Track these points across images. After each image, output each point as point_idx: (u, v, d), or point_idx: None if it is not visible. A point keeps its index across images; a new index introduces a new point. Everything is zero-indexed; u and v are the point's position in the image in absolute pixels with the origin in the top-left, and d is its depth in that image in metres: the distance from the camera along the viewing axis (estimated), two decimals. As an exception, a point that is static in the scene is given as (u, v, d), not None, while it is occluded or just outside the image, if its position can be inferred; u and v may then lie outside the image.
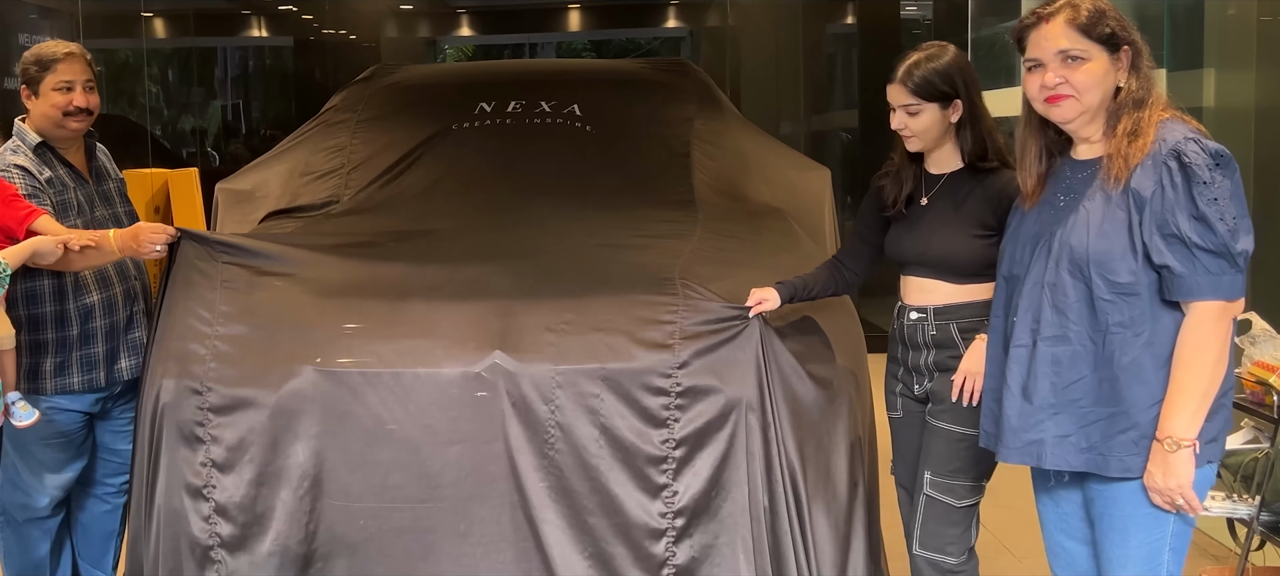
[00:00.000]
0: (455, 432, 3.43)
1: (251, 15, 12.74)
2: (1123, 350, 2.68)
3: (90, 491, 4.26)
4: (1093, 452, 2.74)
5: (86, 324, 4.00)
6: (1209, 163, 2.59)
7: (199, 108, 12.52)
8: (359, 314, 3.63)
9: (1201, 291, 2.61)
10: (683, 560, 3.43)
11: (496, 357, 3.44)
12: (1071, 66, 2.73)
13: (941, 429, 3.36)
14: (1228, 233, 2.58)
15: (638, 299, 3.59)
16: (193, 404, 3.55)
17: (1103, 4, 2.73)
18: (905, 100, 3.32)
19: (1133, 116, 2.70)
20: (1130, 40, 2.72)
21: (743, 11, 12.60)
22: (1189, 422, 2.63)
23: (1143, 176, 2.65)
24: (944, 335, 3.36)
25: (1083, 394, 2.74)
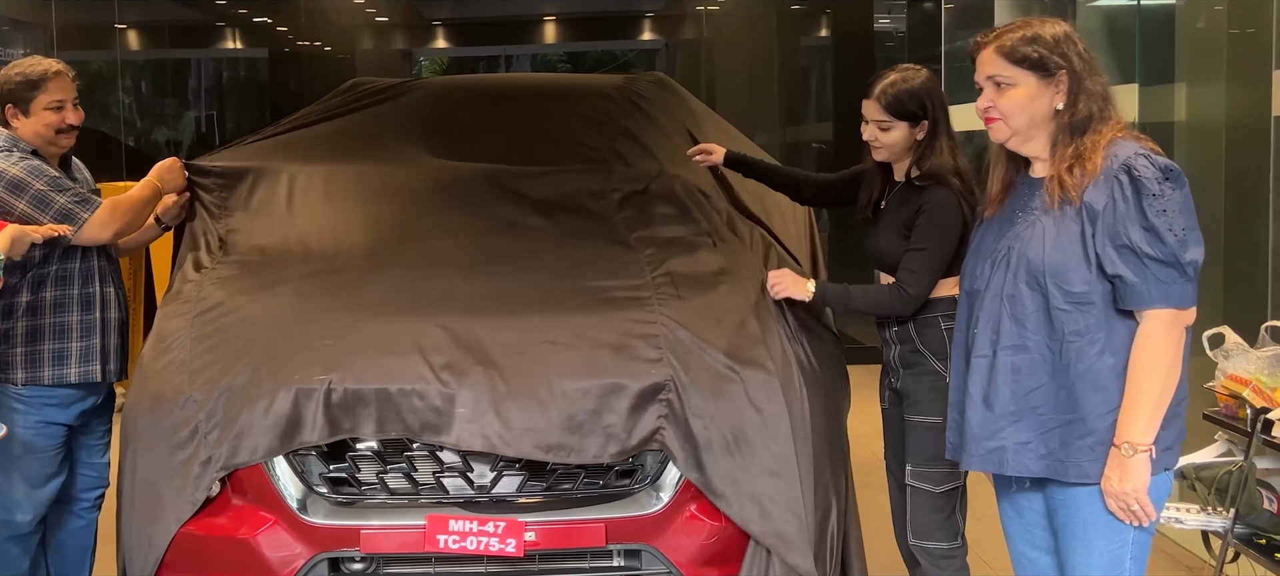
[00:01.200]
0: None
1: (226, 27, 12.70)
2: (1079, 358, 2.79)
3: (67, 507, 4.29)
4: (1051, 458, 2.84)
5: (86, 314, 4.08)
6: (1158, 176, 2.71)
7: (173, 119, 12.47)
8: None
9: (1153, 300, 2.72)
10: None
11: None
12: (1000, 92, 2.89)
13: (914, 421, 3.69)
14: (1177, 243, 2.69)
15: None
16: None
17: (1040, 30, 2.86)
18: (878, 116, 3.65)
19: (1072, 143, 2.83)
20: (1065, 66, 2.83)
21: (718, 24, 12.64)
22: (1145, 428, 2.74)
23: (1095, 191, 2.76)
24: (904, 331, 3.69)
25: (1042, 401, 2.84)
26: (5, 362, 4.00)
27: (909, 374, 3.70)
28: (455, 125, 5.13)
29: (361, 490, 3.65)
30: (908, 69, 3.65)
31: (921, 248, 3.56)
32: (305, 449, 3.62)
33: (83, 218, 4.00)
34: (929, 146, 3.61)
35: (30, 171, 3.97)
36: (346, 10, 12.84)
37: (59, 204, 3.97)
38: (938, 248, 3.55)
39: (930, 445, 3.60)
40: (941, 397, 3.45)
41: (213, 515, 3.68)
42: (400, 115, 5.19)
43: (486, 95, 5.60)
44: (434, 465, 3.62)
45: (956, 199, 3.55)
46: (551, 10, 13.67)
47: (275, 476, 3.62)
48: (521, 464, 3.61)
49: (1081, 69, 2.84)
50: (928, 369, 3.66)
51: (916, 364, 3.68)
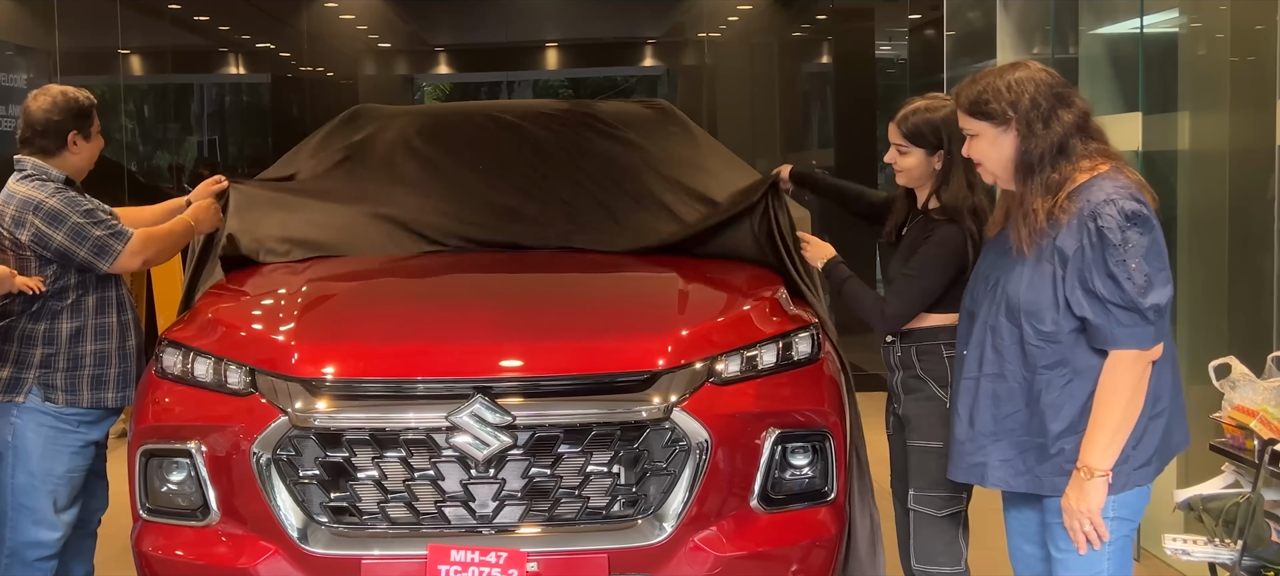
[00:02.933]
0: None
1: (229, 52, 12.71)
2: (1048, 388, 3.05)
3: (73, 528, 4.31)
4: (1030, 475, 3.12)
5: (124, 340, 4.24)
6: (1122, 224, 2.91)
7: (176, 144, 12.46)
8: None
9: (1116, 340, 2.96)
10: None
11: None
12: (970, 141, 3.18)
13: (915, 446, 3.73)
14: (1136, 290, 2.91)
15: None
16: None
17: (993, 80, 3.10)
18: (897, 140, 3.75)
19: (1023, 186, 3.07)
20: (1013, 113, 3.04)
21: (719, 50, 12.65)
22: (1102, 454, 2.98)
23: (1067, 237, 2.99)
24: (907, 358, 3.74)
25: (1017, 425, 3.13)
26: (48, 384, 4.09)
27: (910, 399, 3.74)
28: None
29: (363, 519, 3.62)
30: (935, 98, 3.74)
31: (912, 273, 3.65)
32: (307, 478, 3.61)
33: (117, 250, 4.10)
34: (945, 179, 3.66)
35: (67, 203, 4.05)
36: (349, 36, 12.85)
37: (95, 237, 4.05)
38: (927, 278, 3.63)
39: (932, 470, 3.65)
40: (942, 422, 3.56)
41: (212, 544, 3.67)
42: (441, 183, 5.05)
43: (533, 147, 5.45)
44: (436, 494, 3.60)
45: (963, 238, 3.60)
46: (553, 37, 13.69)
47: (275, 505, 3.60)
48: (522, 492, 3.59)
49: (1030, 112, 3.03)
50: (928, 394, 3.70)
51: (917, 389, 3.72)
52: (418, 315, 3.99)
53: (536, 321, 3.90)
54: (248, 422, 3.64)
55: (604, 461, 3.62)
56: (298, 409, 3.59)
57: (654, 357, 3.68)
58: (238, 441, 3.64)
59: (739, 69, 12.42)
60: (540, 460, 3.60)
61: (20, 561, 4.10)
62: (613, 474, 3.63)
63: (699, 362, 3.72)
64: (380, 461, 3.59)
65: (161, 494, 3.80)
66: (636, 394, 3.62)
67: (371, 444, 3.59)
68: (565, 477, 3.62)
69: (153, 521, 3.80)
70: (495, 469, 3.58)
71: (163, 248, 4.25)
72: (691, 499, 3.62)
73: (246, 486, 3.63)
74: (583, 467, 3.61)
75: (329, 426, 3.58)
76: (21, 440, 4.06)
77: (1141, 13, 5.76)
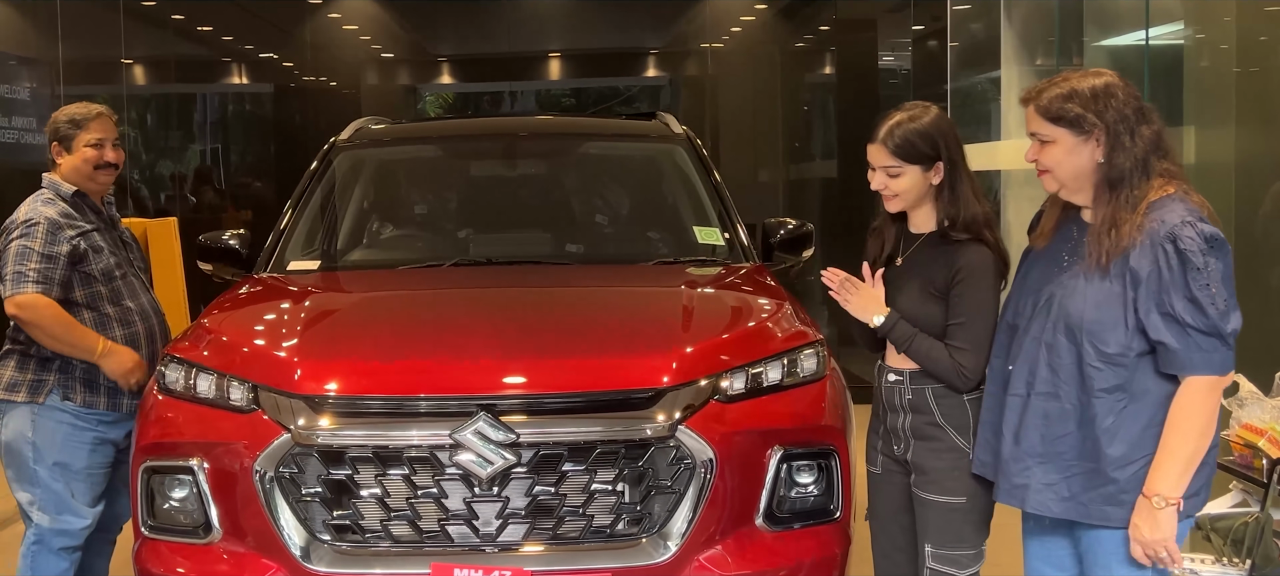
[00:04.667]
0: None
1: (232, 62, 12.70)
2: (1106, 414, 2.94)
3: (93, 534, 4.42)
4: (1073, 501, 3.00)
5: (134, 350, 4.30)
6: (1203, 248, 2.82)
7: (178, 154, 12.45)
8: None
9: (1194, 366, 2.86)
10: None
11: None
12: (1042, 148, 3.02)
13: (934, 502, 3.40)
14: (1218, 315, 2.83)
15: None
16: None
17: (1078, 86, 2.95)
18: (886, 161, 3.37)
19: (1109, 204, 2.94)
20: (1100, 123, 2.92)
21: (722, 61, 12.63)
22: (1176, 483, 2.88)
23: (1140, 256, 2.88)
24: (919, 400, 3.42)
25: (1068, 448, 3.00)
26: (67, 385, 4.23)
27: (925, 447, 3.41)
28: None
29: (365, 537, 3.60)
30: (914, 107, 3.40)
31: (968, 320, 3.32)
32: (309, 495, 3.59)
33: (13, 291, 4.12)
34: (954, 193, 3.36)
35: (46, 230, 4.14)
36: (351, 46, 12.83)
37: (11, 269, 4.11)
38: (988, 316, 3.32)
39: (956, 526, 3.37)
40: (965, 476, 3.33)
41: (214, 563, 3.64)
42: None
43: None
44: (439, 512, 3.58)
45: (994, 256, 3.37)
46: (556, 47, 13.66)
47: (278, 523, 3.58)
48: (526, 510, 3.57)
49: (1118, 125, 2.91)
50: (949, 445, 3.38)
51: (934, 437, 3.40)
52: (421, 331, 3.98)
53: (541, 338, 3.88)
54: (250, 439, 3.62)
55: (608, 479, 3.60)
56: (301, 426, 3.57)
57: (659, 375, 3.66)
58: (240, 458, 3.62)
59: (742, 79, 12.39)
60: (544, 478, 3.58)
61: (47, 549, 4.25)
62: (617, 492, 3.60)
63: (704, 380, 3.69)
64: (383, 479, 3.57)
65: (163, 511, 3.78)
66: (641, 411, 3.60)
67: (375, 461, 3.57)
68: (569, 496, 3.59)
69: (154, 539, 3.78)
70: (499, 487, 3.56)
71: (53, 334, 4.15)
72: (696, 517, 3.60)
73: (249, 504, 3.61)
74: (587, 486, 3.59)
75: (332, 443, 3.56)
76: (43, 436, 4.23)
77: (1147, 24, 5.74)
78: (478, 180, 5.78)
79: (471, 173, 5.78)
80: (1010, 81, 7.48)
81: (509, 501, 3.57)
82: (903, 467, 3.50)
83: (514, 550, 3.59)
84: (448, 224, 5.45)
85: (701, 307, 4.20)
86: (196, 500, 3.70)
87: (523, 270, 4.77)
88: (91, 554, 4.44)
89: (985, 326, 3.32)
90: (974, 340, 3.32)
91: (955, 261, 3.35)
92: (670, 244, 5.12)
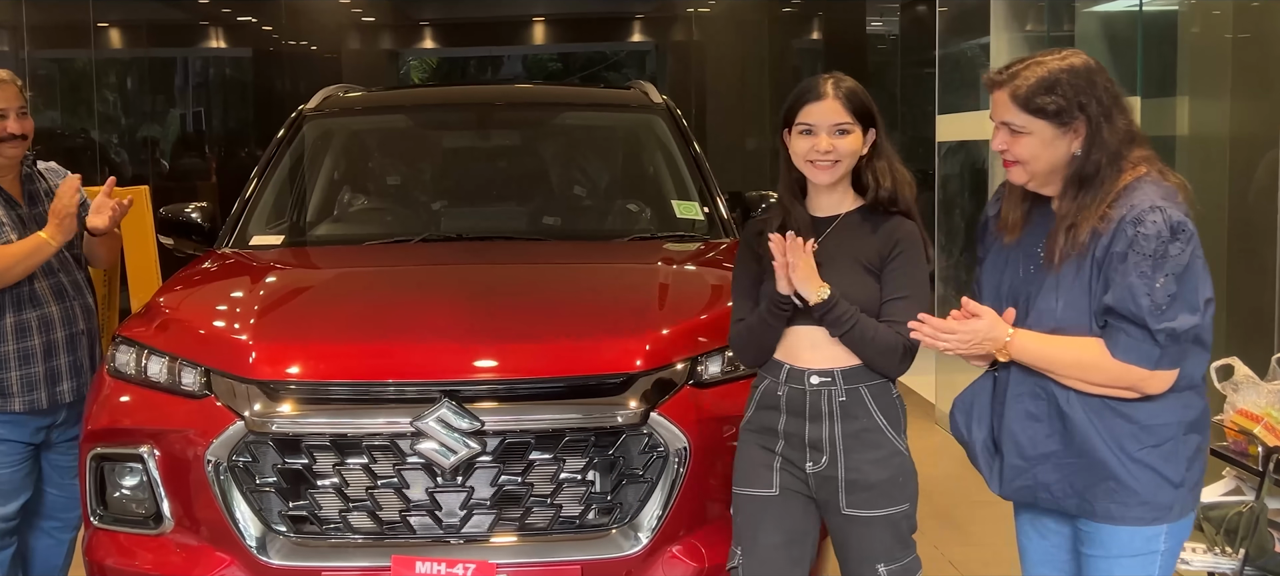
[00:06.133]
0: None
1: (209, 26, 12.50)
2: (1084, 408, 2.76)
3: (37, 524, 4.23)
4: (1078, 497, 2.82)
5: (23, 341, 3.93)
6: (1164, 234, 2.63)
7: (154, 119, 12.25)
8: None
9: (1115, 347, 2.69)
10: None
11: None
12: (1014, 138, 2.77)
13: (879, 517, 3.08)
14: (1151, 306, 2.64)
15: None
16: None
17: (1058, 74, 2.73)
18: (840, 118, 3.06)
19: (1074, 201, 2.74)
20: (1082, 114, 2.72)
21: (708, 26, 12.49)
22: (1025, 349, 2.75)
23: (1110, 241, 2.69)
24: (854, 402, 3.07)
25: (1059, 446, 2.81)
26: None
27: (865, 458, 3.06)
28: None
29: (323, 529, 3.45)
30: (838, 74, 3.13)
31: (913, 294, 3.05)
32: (264, 484, 3.44)
33: None
34: (883, 163, 3.10)
35: None
36: (332, 10, 12.65)
37: None
38: (928, 294, 3.07)
39: (903, 533, 3.11)
40: (910, 479, 3.10)
41: (165, 554, 3.50)
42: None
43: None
44: (400, 503, 3.43)
45: (921, 232, 3.13)
46: (540, 11, 13.51)
47: (232, 514, 3.43)
48: (492, 501, 3.42)
49: (1099, 115, 2.72)
50: (892, 450, 3.09)
51: (876, 444, 3.07)
52: (382, 314, 3.81)
53: (507, 321, 3.72)
54: (203, 426, 3.47)
55: (577, 468, 3.45)
56: (255, 412, 3.42)
57: (631, 358, 3.51)
58: (192, 446, 3.47)
59: (728, 44, 12.26)
60: (510, 467, 3.43)
61: None
62: (586, 481, 3.46)
63: (680, 363, 3.55)
64: (342, 468, 3.42)
65: (113, 500, 3.63)
66: (612, 398, 3.45)
67: (333, 450, 3.42)
68: (536, 485, 3.45)
69: (104, 529, 3.63)
70: (463, 476, 3.41)
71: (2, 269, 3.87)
72: (669, 507, 3.46)
73: (201, 494, 3.46)
74: (555, 475, 3.44)
75: (288, 431, 3.41)
76: None
77: (1142, -12, 5.58)
78: (449, 151, 5.61)
79: (443, 144, 5.61)
80: (1000, 49, 7.31)
81: (474, 491, 3.43)
82: (808, 486, 3.12)
83: (479, 542, 3.44)
84: (418, 197, 5.29)
85: (678, 287, 4.05)
86: (147, 489, 3.55)
87: (494, 246, 4.61)
88: (46, 539, 4.25)
89: (927, 303, 3.04)
90: (913, 313, 2.98)
91: (893, 234, 3.08)
92: (648, 219, 4.97)
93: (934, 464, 6.80)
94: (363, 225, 5.06)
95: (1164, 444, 2.76)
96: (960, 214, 7.87)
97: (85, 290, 4.15)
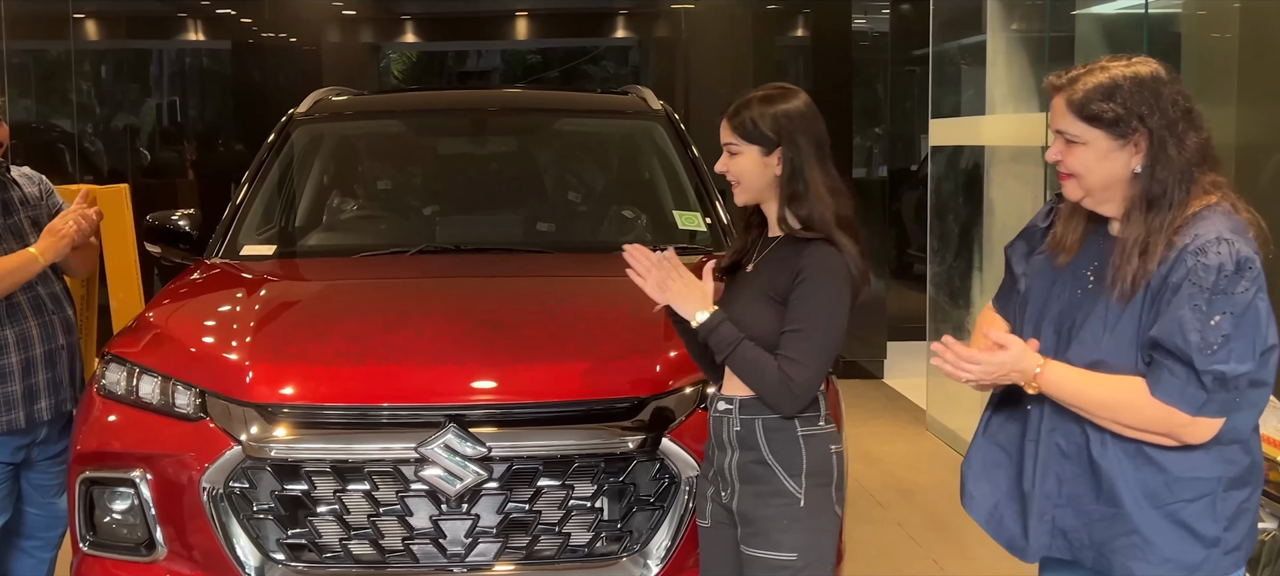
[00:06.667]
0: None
1: (187, 18, 12.31)
2: (1116, 451, 2.57)
3: (17, 543, 4.08)
4: (1096, 551, 2.63)
5: (0, 359, 3.75)
6: (1225, 269, 2.42)
7: (130, 112, 12.06)
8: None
9: (1157, 385, 2.48)
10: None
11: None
12: (1068, 148, 2.58)
13: (759, 558, 2.92)
14: (1200, 344, 2.43)
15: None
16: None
17: (1120, 80, 2.51)
18: (727, 138, 2.96)
19: (1144, 223, 2.52)
20: (1142, 127, 2.49)
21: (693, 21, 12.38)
22: (1058, 384, 2.55)
23: (1169, 270, 2.48)
24: (748, 433, 2.93)
25: (1083, 490, 2.62)
26: None
27: (751, 491, 2.92)
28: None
29: (323, 558, 3.34)
30: (775, 88, 2.98)
31: (805, 328, 2.84)
32: (261, 511, 3.32)
33: None
34: (799, 187, 2.91)
35: None
36: (312, 3, 12.47)
37: None
38: (829, 329, 2.86)
39: None
40: (798, 527, 2.87)
41: None
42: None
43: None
44: (403, 530, 3.32)
45: (845, 261, 2.88)
46: (523, 5, 13.36)
47: (228, 541, 3.31)
48: (498, 529, 3.32)
49: (1164, 130, 2.49)
50: (777, 489, 2.89)
51: (760, 480, 2.90)
52: (385, 333, 3.69)
53: (514, 340, 3.61)
54: (198, 450, 3.36)
55: (586, 495, 3.36)
56: (253, 436, 3.30)
57: (641, 382, 3.42)
58: (187, 471, 3.36)
59: (713, 41, 12.15)
60: (517, 493, 3.33)
61: None
62: (595, 508, 3.36)
63: (690, 387, 3.44)
64: (342, 495, 3.31)
65: (103, 525, 3.50)
66: (622, 422, 3.35)
67: (333, 475, 3.31)
68: (544, 512, 3.35)
69: (93, 555, 3.51)
70: (468, 503, 3.30)
71: None
72: (680, 536, 3.36)
73: (196, 520, 3.35)
74: (563, 501, 3.35)
75: (287, 457, 3.30)
76: None
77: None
78: (445, 158, 5.49)
79: (438, 150, 5.49)
80: (996, 50, 7.23)
81: (479, 519, 3.32)
82: (731, 519, 3.01)
83: (484, 570, 3.34)
84: (413, 206, 5.17)
85: None
86: (139, 514, 3.43)
87: (493, 259, 4.49)
88: (27, 559, 4.10)
89: (824, 338, 2.85)
90: (808, 352, 2.83)
91: (799, 261, 2.87)
92: (649, 230, 4.86)
93: (926, 470, 6.75)
94: (358, 236, 4.93)
95: (1198, 500, 2.55)
96: (954, 219, 7.80)
97: (64, 303, 3.98)
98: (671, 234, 4.70)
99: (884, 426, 7.78)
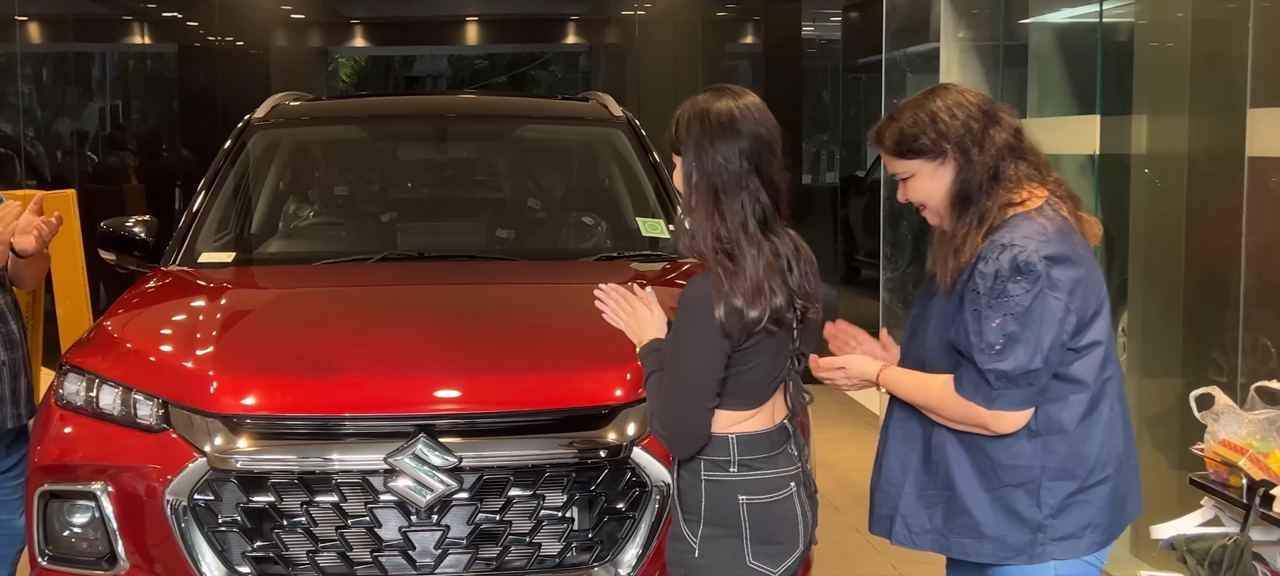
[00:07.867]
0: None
1: (133, 21, 12.15)
2: (949, 441, 2.77)
3: None
4: (935, 534, 2.83)
5: None
6: (1001, 275, 2.64)
7: (75, 115, 11.89)
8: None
9: (959, 385, 2.70)
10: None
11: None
12: (906, 185, 2.83)
13: None
14: (981, 346, 2.65)
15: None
16: None
17: (917, 111, 2.77)
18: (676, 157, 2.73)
19: (956, 221, 2.76)
20: (948, 143, 2.73)
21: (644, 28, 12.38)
22: (889, 383, 2.81)
23: (967, 277, 2.71)
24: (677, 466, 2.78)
25: (924, 475, 2.83)
26: None
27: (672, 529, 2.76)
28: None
29: (290, 570, 3.29)
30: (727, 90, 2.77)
31: (669, 366, 2.63)
32: (226, 524, 3.27)
33: None
34: (678, 214, 2.77)
35: None
36: (260, 7, 12.35)
37: None
38: (687, 370, 2.59)
39: None
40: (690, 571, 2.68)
41: None
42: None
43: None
44: (372, 542, 3.28)
45: (706, 292, 2.57)
46: (473, 11, 13.30)
47: (192, 555, 3.26)
48: (468, 540, 3.29)
49: (964, 138, 2.73)
50: (676, 532, 2.72)
51: (675, 519, 2.73)
52: (352, 342, 3.65)
53: (483, 351, 3.59)
54: (161, 463, 3.31)
55: (557, 505, 3.34)
56: (217, 448, 3.25)
57: (611, 390, 3.40)
58: (149, 483, 3.30)
59: (664, 48, 12.16)
60: (487, 504, 3.30)
61: None
62: (566, 518, 3.34)
63: None
64: (310, 507, 3.28)
65: (62, 539, 3.44)
66: (593, 431, 3.34)
67: (300, 487, 3.27)
68: (514, 522, 3.33)
69: (52, 571, 3.44)
70: (438, 514, 3.27)
71: None
72: (652, 544, 3.35)
73: (159, 533, 3.30)
74: (534, 511, 3.33)
75: (252, 468, 3.25)
76: None
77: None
78: (406, 165, 5.45)
79: (399, 156, 5.45)
80: (949, 59, 7.29)
81: (449, 530, 3.30)
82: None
83: None
84: (374, 213, 5.12)
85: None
86: (100, 528, 3.37)
87: (458, 267, 4.46)
88: None
89: (682, 379, 2.59)
90: (665, 393, 2.62)
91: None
92: (612, 237, 4.85)
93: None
94: (319, 243, 4.88)
95: (1023, 485, 2.74)
96: (907, 226, 7.84)
97: (9, 316, 3.86)
98: (635, 242, 4.69)
99: (839, 431, 7.82)
